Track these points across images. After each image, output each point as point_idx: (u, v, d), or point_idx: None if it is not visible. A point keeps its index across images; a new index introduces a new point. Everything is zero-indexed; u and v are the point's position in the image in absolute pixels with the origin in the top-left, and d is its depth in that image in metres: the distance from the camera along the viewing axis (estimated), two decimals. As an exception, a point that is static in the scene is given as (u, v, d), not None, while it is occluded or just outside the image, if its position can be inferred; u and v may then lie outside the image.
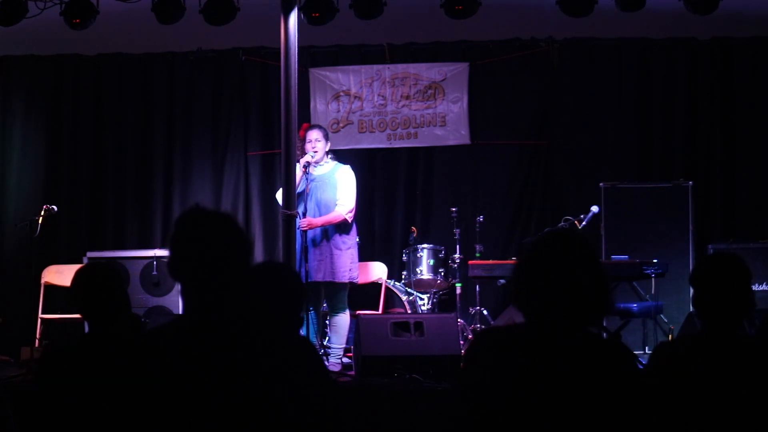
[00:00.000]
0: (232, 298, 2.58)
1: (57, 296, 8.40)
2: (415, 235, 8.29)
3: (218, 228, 2.58)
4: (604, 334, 6.88)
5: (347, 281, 7.21)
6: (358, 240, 7.37)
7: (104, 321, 3.54)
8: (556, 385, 2.49)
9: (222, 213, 2.63)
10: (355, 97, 9.22)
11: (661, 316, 7.93)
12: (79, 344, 3.57)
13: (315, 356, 3.04)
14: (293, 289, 3.15)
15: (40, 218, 8.03)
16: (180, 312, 7.10)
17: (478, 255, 8.06)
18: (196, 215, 2.60)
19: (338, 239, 7.19)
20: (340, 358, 7.20)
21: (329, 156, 7.39)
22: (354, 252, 7.28)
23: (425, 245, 8.17)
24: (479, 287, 8.15)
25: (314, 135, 7.28)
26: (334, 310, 7.27)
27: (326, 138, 7.34)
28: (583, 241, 2.64)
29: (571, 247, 2.60)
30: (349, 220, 7.23)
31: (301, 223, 7.05)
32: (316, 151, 7.21)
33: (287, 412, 2.60)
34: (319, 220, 7.14)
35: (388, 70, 9.23)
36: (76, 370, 3.37)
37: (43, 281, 8.29)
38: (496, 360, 2.56)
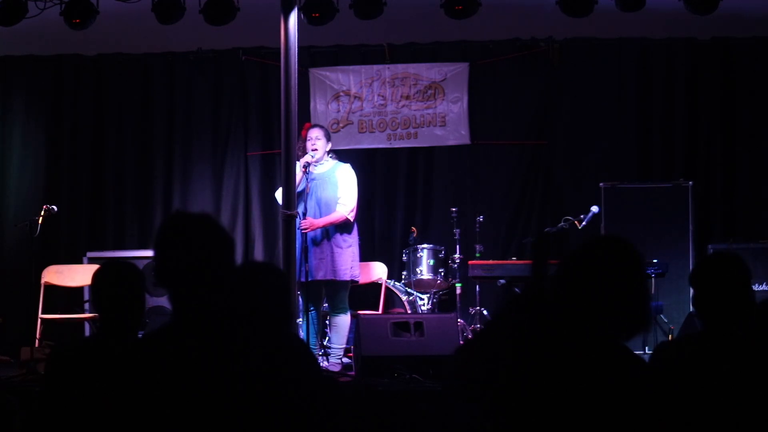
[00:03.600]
0: (219, 298, 2.59)
1: (57, 296, 8.39)
2: (415, 235, 8.29)
3: (199, 230, 2.60)
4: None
5: (348, 279, 7.20)
6: (359, 239, 7.37)
7: (121, 323, 3.48)
8: (564, 383, 2.46)
9: (201, 214, 2.65)
10: (355, 97, 9.22)
11: (661, 316, 7.93)
12: (87, 346, 3.55)
13: (308, 355, 3.04)
14: (280, 288, 3.14)
15: (40, 218, 8.01)
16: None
17: (478, 255, 8.07)
18: (175, 220, 2.62)
19: (339, 238, 7.19)
20: (340, 358, 7.19)
21: (329, 155, 7.39)
22: (355, 250, 7.28)
23: (425, 245, 8.16)
24: (479, 287, 8.15)
25: (315, 134, 7.29)
26: (335, 310, 7.26)
27: (327, 137, 7.35)
28: (637, 253, 2.51)
29: (624, 257, 2.48)
30: (351, 219, 7.23)
31: (303, 224, 7.05)
32: (316, 149, 7.21)
33: (281, 411, 2.60)
34: (321, 221, 7.13)
35: (388, 70, 9.22)
36: (83, 372, 3.36)
37: (43, 281, 8.27)
38: (516, 336, 2.47)
